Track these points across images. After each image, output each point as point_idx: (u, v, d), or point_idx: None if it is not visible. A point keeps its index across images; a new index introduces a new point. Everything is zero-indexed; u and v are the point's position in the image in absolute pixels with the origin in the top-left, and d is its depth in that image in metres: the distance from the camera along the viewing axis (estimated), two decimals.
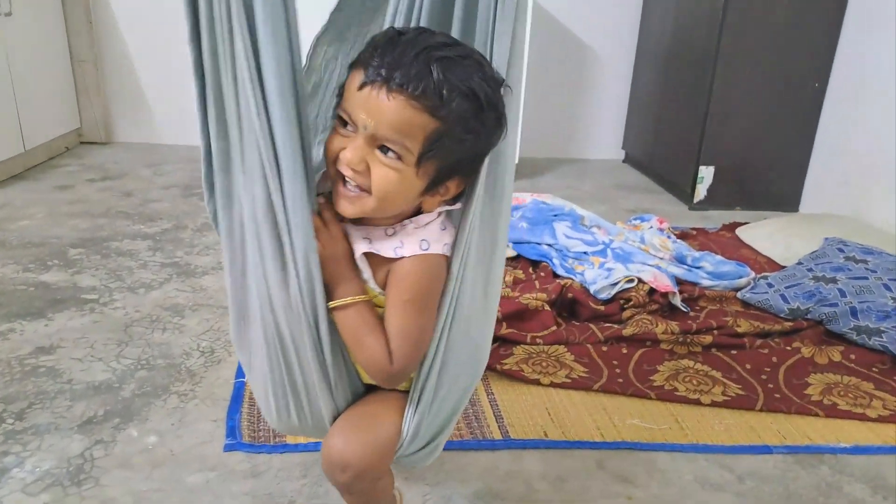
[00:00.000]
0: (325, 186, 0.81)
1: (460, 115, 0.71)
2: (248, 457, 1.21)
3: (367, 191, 0.74)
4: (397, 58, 0.68)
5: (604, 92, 3.58)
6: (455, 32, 0.79)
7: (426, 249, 0.79)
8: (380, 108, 0.69)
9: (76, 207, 2.43)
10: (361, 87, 0.70)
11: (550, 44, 3.42)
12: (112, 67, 3.31)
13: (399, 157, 0.72)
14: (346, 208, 0.76)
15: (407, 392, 0.87)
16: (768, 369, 1.52)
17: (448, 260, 0.80)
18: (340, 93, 0.75)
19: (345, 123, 0.74)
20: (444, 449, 1.22)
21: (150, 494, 1.11)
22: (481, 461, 1.24)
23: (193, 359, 1.50)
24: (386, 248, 0.79)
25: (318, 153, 0.85)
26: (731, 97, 2.70)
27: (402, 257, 0.78)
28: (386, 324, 0.80)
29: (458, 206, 0.82)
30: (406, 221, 0.80)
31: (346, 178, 0.74)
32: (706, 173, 2.78)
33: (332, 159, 0.75)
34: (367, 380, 0.88)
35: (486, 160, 0.78)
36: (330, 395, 0.83)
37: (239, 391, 1.38)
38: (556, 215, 2.22)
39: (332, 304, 0.78)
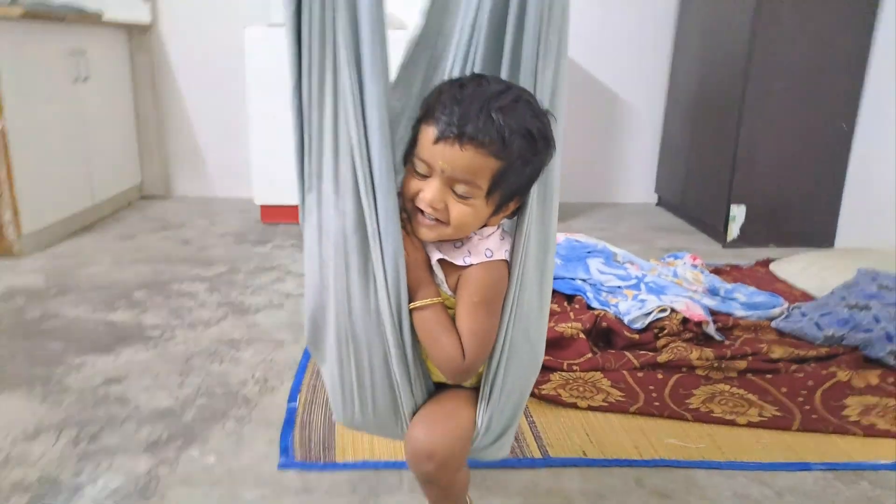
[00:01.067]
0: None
1: (520, 152, 0.83)
2: (300, 474, 1.29)
3: (445, 222, 0.86)
4: (464, 114, 0.81)
5: (635, 139, 3.69)
6: (504, 69, 0.91)
7: (490, 257, 0.90)
8: (454, 157, 0.82)
9: (139, 254, 2.60)
10: (437, 141, 0.83)
11: (583, 95, 3.56)
12: (172, 127, 3.55)
13: (472, 195, 0.84)
14: (427, 234, 0.88)
15: (474, 389, 0.97)
16: (805, 392, 1.55)
17: (508, 264, 0.91)
18: (413, 142, 0.88)
19: (420, 168, 0.86)
20: (485, 467, 1.29)
21: None
22: (522, 479, 1.29)
23: (249, 387, 1.60)
24: (456, 257, 0.90)
25: None
26: (759, 140, 2.77)
27: (471, 265, 0.90)
28: (458, 323, 0.90)
29: (513, 218, 0.93)
30: (472, 234, 0.91)
31: (426, 213, 0.87)
32: (738, 212, 2.83)
33: (411, 197, 0.88)
34: (437, 378, 0.97)
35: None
36: (410, 390, 0.93)
37: (291, 415, 1.47)
38: (589, 252, 2.29)
39: (413, 305, 0.89)
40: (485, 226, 0.91)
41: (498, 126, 0.81)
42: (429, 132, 0.84)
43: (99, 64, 3.03)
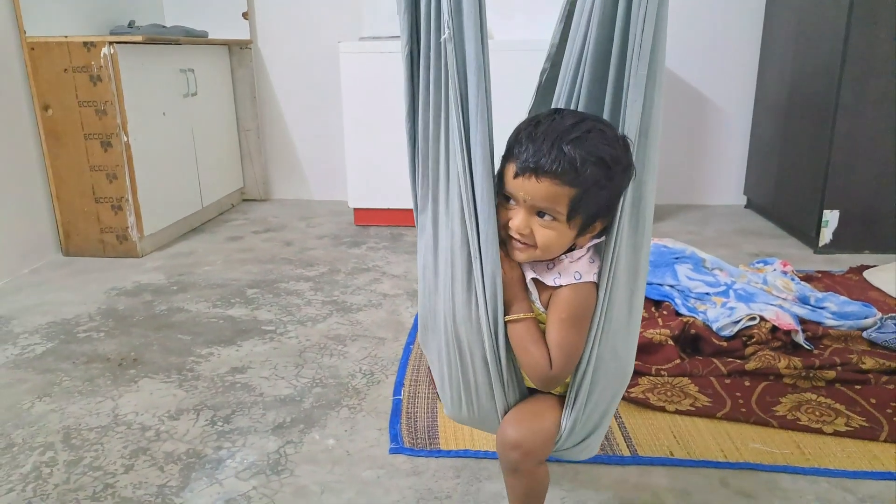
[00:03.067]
0: None
1: (594, 178, 0.90)
2: (409, 459, 1.43)
3: (533, 245, 0.96)
4: (537, 150, 0.91)
5: (723, 139, 3.67)
6: (607, 105, 0.98)
7: (579, 279, 0.99)
8: (533, 189, 0.92)
9: (247, 255, 2.83)
10: (517, 176, 0.93)
11: (671, 96, 3.57)
12: (271, 134, 3.81)
13: (553, 219, 0.93)
14: (518, 256, 0.99)
15: (561, 396, 1.07)
16: (895, 404, 1.56)
17: (597, 286, 1.00)
18: (500, 177, 0.99)
19: (507, 199, 0.97)
20: (579, 462, 1.39)
21: (333, 484, 1.35)
22: (612, 474, 1.39)
23: (357, 379, 1.76)
24: (547, 278, 1.00)
25: None
26: (855, 144, 2.71)
27: (561, 286, 0.99)
28: (547, 337, 1.00)
29: (602, 238, 1.01)
30: (562, 256, 1.00)
31: (515, 237, 0.97)
32: (831, 217, 2.79)
33: (503, 225, 0.98)
34: (529, 384, 1.08)
35: (628, 200, 0.96)
36: (503, 392, 1.04)
37: (397, 406, 1.61)
38: (677, 258, 2.34)
39: (508, 318, 1.00)
40: (573, 249, 1.00)
41: (570, 157, 0.89)
42: (510, 169, 0.95)
43: (205, 79, 3.30)
